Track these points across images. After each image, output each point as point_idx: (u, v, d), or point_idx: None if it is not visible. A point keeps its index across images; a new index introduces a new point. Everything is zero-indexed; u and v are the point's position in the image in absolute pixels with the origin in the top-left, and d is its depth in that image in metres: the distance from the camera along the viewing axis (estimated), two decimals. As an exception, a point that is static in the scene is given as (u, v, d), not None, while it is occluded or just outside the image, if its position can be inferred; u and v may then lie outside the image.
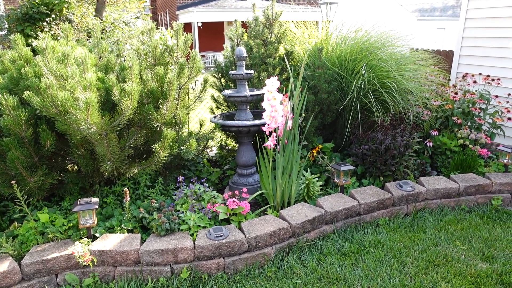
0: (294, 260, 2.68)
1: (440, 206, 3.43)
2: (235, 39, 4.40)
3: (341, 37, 4.35)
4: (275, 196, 3.13)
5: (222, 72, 4.41)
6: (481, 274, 2.51)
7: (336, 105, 3.99)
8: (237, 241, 2.55)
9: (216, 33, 20.40)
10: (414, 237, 2.98)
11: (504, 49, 4.92)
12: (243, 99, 3.42)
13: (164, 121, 2.93)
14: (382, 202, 3.21)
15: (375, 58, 3.87)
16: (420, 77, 4.11)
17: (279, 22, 4.27)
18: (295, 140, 3.09)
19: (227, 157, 4.52)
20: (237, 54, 3.43)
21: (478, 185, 3.47)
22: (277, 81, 2.79)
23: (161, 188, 3.30)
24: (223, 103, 4.56)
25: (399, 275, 2.54)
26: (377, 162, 3.57)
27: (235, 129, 3.38)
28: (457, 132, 4.10)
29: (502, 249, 2.81)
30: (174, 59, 3.23)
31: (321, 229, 2.95)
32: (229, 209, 2.80)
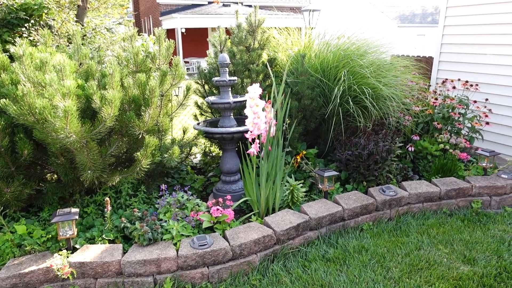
0: (279, 268, 2.66)
1: (422, 210, 3.48)
2: (218, 46, 4.40)
3: (323, 43, 4.40)
4: (260, 203, 3.12)
5: (206, 78, 4.39)
6: (463, 277, 2.55)
7: (319, 111, 4.01)
8: (221, 249, 2.52)
9: (200, 39, 20.38)
10: (398, 241, 3.01)
11: (481, 55, 5.06)
12: (226, 105, 3.41)
13: (146, 128, 2.89)
14: (366, 207, 3.23)
15: (356, 65, 3.93)
16: (401, 83, 4.18)
17: (262, 29, 4.28)
18: (279, 147, 3.09)
19: (211, 164, 4.49)
20: (220, 61, 3.42)
21: (459, 189, 3.53)
22: (259, 88, 2.79)
23: (143, 197, 3.24)
24: (207, 110, 4.54)
25: (383, 280, 2.55)
26: (360, 168, 3.60)
27: (218, 136, 3.37)
28: (438, 136, 4.18)
29: (483, 251, 2.86)
30: (157, 66, 3.20)
31: (305, 235, 2.94)
32: (213, 217, 2.77)
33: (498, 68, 4.86)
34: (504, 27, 4.74)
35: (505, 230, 3.16)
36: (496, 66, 4.87)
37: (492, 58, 4.91)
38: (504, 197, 3.58)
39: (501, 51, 4.81)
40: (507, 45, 4.72)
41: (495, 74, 4.89)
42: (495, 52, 4.87)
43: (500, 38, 4.80)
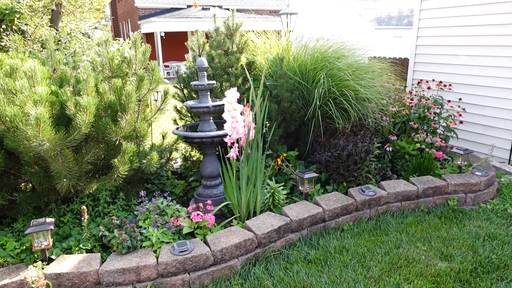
0: (261, 271, 2.66)
1: (401, 209, 3.55)
2: (196, 50, 4.38)
3: (301, 46, 4.44)
4: (241, 207, 3.11)
5: (185, 82, 4.36)
6: (441, 273, 2.61)
7: (298, 113, 4.04)
8: (202, 255, 2.49)
9: (180, 42, 20.23)
10: (377, 241, 3.05)
11: (454, 56, 5.21)
12: (205, 110, 3.39)
13: (124, 134, 2.84)
14: (346, 207, 3.27)
15: (334, 67, 3.98)
16: (378, 85, 4.26)
17: (240, 32, 4.29)
18: (259, 150, 3.09)
19: (192, 168, 4.46)
20: (198, 65, 3.40)
21: (436, 187, 3.62)
22: (237, 92, 2.79)
23: (122, 204, 3.19)
24: (187, 114, 4.51)
25: (364, 279, 2.58)
26: (340, 168, 3.64)
27: (198, 140, 3.34)
28: (414, 136, 4.28)
29: (459, 248, 2.93)
30: (133, 71, 3.16)
31: (287, 237, 2.95)
32: (193, 223, 2.75)
33: (470, 69, 5.01)
34: (474, 29, 4.90)
35: (480, 226, 3.25)
36: (468, 66, 5.03)
37: (464, 59, 5.06)
38: (478, 194, 3.69)
39: (472, 52, 4.96)
40: (478, 46, 4.88)
41: (467, 75, 5.05)
42: (467, 53, 5.02)
43: (471, 40, 4.95)
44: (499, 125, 4.81)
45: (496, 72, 4.73)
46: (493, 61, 4.75)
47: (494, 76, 4.76)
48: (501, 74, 4.68)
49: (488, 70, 4.81)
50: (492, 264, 2.70)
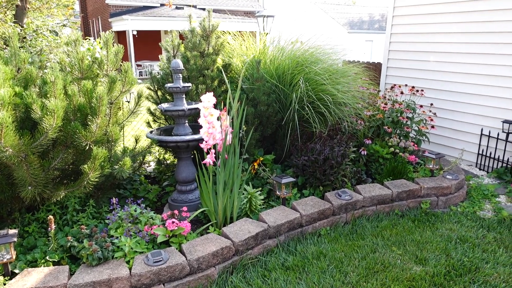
0: (238, 279, 2.60)
1: (376, 213, 3.58)
2: (171, 51, 4.27)
3: (278, 49, 4.42)
4: (217, 213, 3.04)
5: (159, 84, 4.24)
6: (416, 277, 2.64)
7: (275, 117, 4.02)
8: (177, 264, 2.41)
9: (153, 41, 19.85)
10: (354, 245, 3.06)
11: (425, 62, 5.35)
12: (180, 113, 3.30)
13: (94, 139, 2.71)
14: (323, 212, 3.26)
15: (311, 71, 3.98)
16: (353, 89, 4.30)
17: (216, 34, 4.22)
18: (236, 155, 3.03)
19: (166, 172, 4.34)
20: (173, 67, 3.30)
21: (409, 190, 3.68)
22: (213, 96, 2.72)
23: (92, 212, 3.04)
24: (160, 117, 4.38)
25: (341, 285, 2.58)
26: (316, 173, 3.64)
27: (173, 144, 3.24)
28: (388, 140, 4.35)
29: (433, 251, 2.98)
30: (104, 72, 3.02)
31: (264, 244, 2.91)
32: (168, 231, 2.65)
33: (440, 75, 5.16)
34: (443, 36, 5.05)
35: (452, 229, 3.34)
36: (438, 72, 5.18)
37: (435, 65, 5.21)
38: (449, 196, 3.79)
39: (442, 58, 5.11)
40: (447, 53, 5.04)
41: (438, 80, 5.20)
42: (437, 59, 5.17)
43: (441, 46, 5.10)
44: (468, 130, 4.98)
45: (464, 79, 4.89)
46: (461, 67, 4.91)
47: (463, 82, 4.92)
48: (469, 81, 4.85)
49: (457, 76, 4.97)
50: (464, 267, 2.76)
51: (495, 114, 4.65)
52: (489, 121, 4.73)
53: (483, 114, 4.77)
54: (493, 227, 3.38)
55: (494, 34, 4.53)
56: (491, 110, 4.69)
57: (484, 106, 4.75)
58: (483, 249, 3.01)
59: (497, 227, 3.38)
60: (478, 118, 4.84)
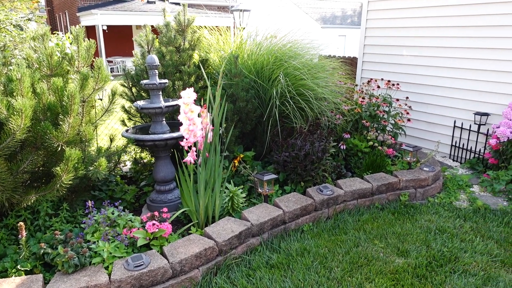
0: (222, 280, 2.54)
1: (357, 206, 3.61)
2: (145, 46, 4.12)
3: (255, 44, 4.36)
4: (199, 213, 2.96)
5: (133, 80, 4.09)
6: (399, 270, 2.67)
7: (254, 113, 3.96)
8: (159, 268, 2.32)
9: (124, 37, 19.30)
10: (337, 240, 3.06)
11: (400, 56, 5.43)
12: (157, 110, 3.19)
13: (67, 139, 2.57)
14: (305, 208, 3.25)
15: (289, 66, 3.94)
16: (331, 84, 4.30)
17: (192, 28, 4.10)
18: (217, 153, 2.96)
19: (143, 172, 4.20)
20: (149, 63, 3.18)
21: (388, 184, 3.73)
22: (193, 92, 2.63)
23: (67, 216, 2.89)
24: (136, 114, 4.23)
25: (327, 281, 2.57)
26: (297, 168, 3.62)
27: (150, 143, 3.13)
28: (367, 134, 4.39)
29: (413, 242, 3.03)
30: (75, 69, 2.87)
31: (248, 242, 2.86)
32: (148, 233, 2.55)
33: (414, 68, 5.26)
34: (417, 31, 5.13)
35: (430, 220, 3.40)
36: (412, 66, 5.27)
37: (409, 59, 5.30)
38: (427, 188, 3.86)
39: (416, 52, 5.20)
40: (421, 47, 5.13)
41: (412, 74, 5.29)
42: (411, 53, 5.26)
43: (415, 41, 5.19)
44: (441, 122, 5.10)
45: (437, 72, 5.00)
46: (434, 61, 5.01)
47: (436, 75, 5.03)
48: (442, 74, 4.96)
49: (430, 70, 5.08)
50: (444, 257, 2.82)
51: (468, 106, 4.79)
52: (462, 114, 4.86)
53: (456, 107, 4.90)
54: (469, 217, 3.47)
55: (465, 28, 4.64)
56: (464, 102, 4.82)
57: (457, 99, 4.88)
58: (461, 239, 3.09)
59: (473, 217, 3.47)
60: (451, 111, 4.97)
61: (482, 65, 4.55)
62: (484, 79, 4.57)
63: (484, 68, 4.54)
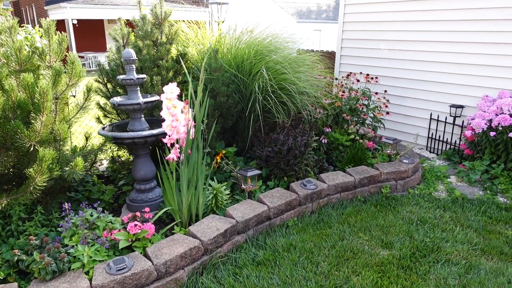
0: (209, 280, 2.48)
1: (340, 200, 3.62)
2: (120, 40, 3.96)
3: (235, 38, 4.28)
4: (182, 212, 2.88)
5: (108, 76, 3.93)
6: (384, 262, 2.69)
7: (236, 108, 3.90)
8: (144, 270, 2.24)
9: (96, 31, 18.69)
10: (322, 234, 3.06)
11: (377, 50, 5.49)
12: (136, 107, 3.07)
13: (39, 138, 2.42)
14: (290, 203, 3.22)
15: (270, 60, 3.89)
16: (312, 78, 4.29)
17: (169, 22, 3.98)
18: (199, 150, 2.88)
19: (121, 170, 4.07)
20: (126, 57, 3.05)
21: (370, 176, 3.76)
22: (176, 87, 2.54)
23: (41, 219, 2.74)
24: (112, 111, 4.08)
25: (314, 276, 2.55)
26: (280, 163, 3.59)
27: (129, 141, 3.01)
28: (347, 128, 4.41)
29: (397, 234, 3.06)
30: (47, 64, 2.71)
31: (233, 240, 2.81)
32: (130, 235, 2.46)
33: (392, 62, 5.32)
34: (393, 25, 5.19)
35: (411, 211, 3.45)
36: (390, 60, 5.34)
37: (387, 52, 5.36)
38: (407, 180, 3.93)
39: (393, 46, 5.27)
40: (397, 41, 5.19)
41: (390, 68, 5.36)
42: (388, 47, 5.32)
43: (391, 35, 5.25)
44: (418, 115, 5.20)
45: (414, 65, 5.08)
46: (410, 55, 5.09)
47: (412, 69, 5.11)
48: (418, 67, 5.04)
49: (407, 63, 5.15)
50: (427, 247, 2.87)
51: (443, 99, 4.89)
52: (438, 106, 4.97)
53: (432, 100, 5.00)
54: (448, 207, 3.55)
55: (440, 22, 4.73)
56: (439, 95, 4.92)
57: (433, 92, 4.98)
58: (442, 229, 3.15)
59: (452, 207, 3.55)
60: (427, 104, 5.07)
61: (457, 58, 4.66)
62: (459, 72, 4.67)
63: (459, 61, 4.64)
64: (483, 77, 4.47)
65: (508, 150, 3.92)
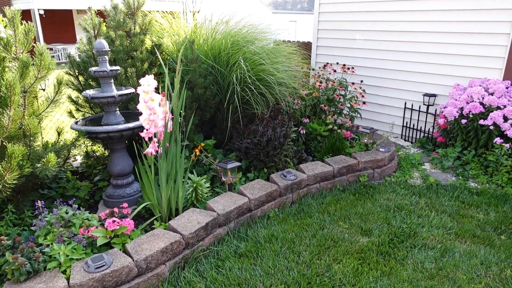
0: (191, 274, 2.46)
1: (320, 190, 3.66)
2: (91, 30, 3.81)
3: (211, 29, 4.20)
4: (161, 206, 2.83)
5: (79, 68, 3.78)
6: (364, 249, 2.74)
7: (213, 100, 3.84)
8: (124, 267, 2.18)
9: (65, 22, 17.97)
10: (303, 224, 3.08)
11: (353, 40, 5.54)
12: (110, 100, 2.97)
13: (7, 134, 2.31)
14: (270, 194, 3.23)
15: (247, 51, 3.85)
16: (289, 69, 4.28)
17: (143, 12, 3.86)
18: (178, 143, 2.83)
19: (96, 166, 3.95)
20: (98, 48, 2.94)
21: (348, 166, 3.81)
22: (153, 79, 2.46)
23: (12, 218, 2.63)
24: (85, 105, 3.94)
25: (296, 265, 2.58)
26: (260, 155, 3.58)
27: (104, 135, 2.92)
28: (325, 118, 4.44)
29: (375, 221, 3.13)
30: (13, 55, 2.57)
31: (215, 233, 2.79)
32: (109, 231, 2.39)
33: (367, 52, 5.39)
34: (368, 15, 5.25)
35: (389, 199, 3.53)
36: (365, 50, 5.40)
37: (362, 43, 5.42)
38: (383, 168, 4.01)
39: (368, 36, 5.33)
40: (372, 31, 5.26)
41: (365, 58, 5.42)
42: (364, 37, 5.38)
43: (366, 25, 5.31)
44: (393, 104, 5.30)
45: (388, 55, 5.17)
46: (385, 45, 5.16)
47: (387, 59, 5.19)
48: (392, 57, 5.13)
49: (381, 53, 5.23)
50: (405, 233, 2.94)
51: (416, 88, 5.01)
52: (411, 95, 5.08)
53: (406, 89, 5.11)
54: (424, 193, 3.65)
55: (413, 12, 4.81)
56: (413, 84, 5.03)
57: (406, 81, 5.08)
58: (418, 215, 3.24)
59: (427, 193, 3.66)
60: (401, 93, 5.17)
61: (429, 48, 4.76)
62: (431, 62, 4.78)
63: (431, 51, 4.75)
64: (455, 66, 4.60)
65: (479, 136, 4.07)
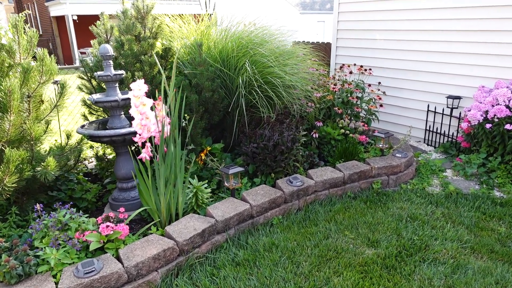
0: (184, 282, 2.41)
1: (329, 196, 3.51)
2: (104, 35, 3.88)
3: (222, 31, 4.16)
4: (160, 211, 2.81)
5: (92, 72, 3.85)
6: (368, 262, 2.59)
7: (222, 103, 3.79)
8: (113, 273, 2.17)
9: (97, 27, 18.60)
10: (307, 233, 2.96)
11: (372, 40, 5.32)
12: (113, 104, 2.99)
13: (8, 139, 2.36)
14: (274, 201, 3.13)
15: (256, 53, 3.78)
16: (302, 70, 4.16)
17: (152, 16, 3.88)
18: (176, 147, 2.79)
19: (108, 168, 4.01)
20: (102, 53, 2.97)
21: (360, 172, 3.64)
22: (144, 84, 2.44)
23: (16, 220, 2.69)
24: (98, 109, 4.01)
25: (294, 276, 2.47)
26: (267, 160, 3.49)
27: (107, 139, 2.94)
28: (339, 121, 4.28)
29: (384, 232, 2.96)
30: (17, 61, 2.63)
31: (213, 240, 2.73)
32: (103, 236, 2.39)
33: (386, 53, 5.16)
34: (390, 14, 5.02)
35: (402, 207, 3.34)
36: (385, 50, 5.17)
37: (382, 43, 5.19)
38: (399, 175, 3.80)
39: (388, 36, 5.10)
40: (392, 31, 5.02)
41: (384, 58, 5.20)
42: (384, 37, 5.15)
43: (388, 24, 5.08)
44: (415, 107, 5.04)
45: (409, 56, 4.92)
46: (406, 45, 4.92)
47: (408, 59, 4.94)
48: (414, 58, 4.88)
49: (402, 53, 4.99)
50: (415, 246, 2.76)
51: (440, 90, 4.73)
52: (435, 97, 4.81)
53: (429, 91, 4.84)
54: (441, 202, 3.42)
55: (436, 10, 4.55)
56: (436, 86, 4.76)
57: (429, 83, 4.81)
58: (432, 226, 3.03)
59: (445, 202, 3.43)
60: (424, 95, 4.91)
61: (453, 47, 4.48)
62: (455, 62, 4.50)
63: (455, 50, 4.47)
64: (480, 66, 4.30)
65: (505, 142, 3.77)
